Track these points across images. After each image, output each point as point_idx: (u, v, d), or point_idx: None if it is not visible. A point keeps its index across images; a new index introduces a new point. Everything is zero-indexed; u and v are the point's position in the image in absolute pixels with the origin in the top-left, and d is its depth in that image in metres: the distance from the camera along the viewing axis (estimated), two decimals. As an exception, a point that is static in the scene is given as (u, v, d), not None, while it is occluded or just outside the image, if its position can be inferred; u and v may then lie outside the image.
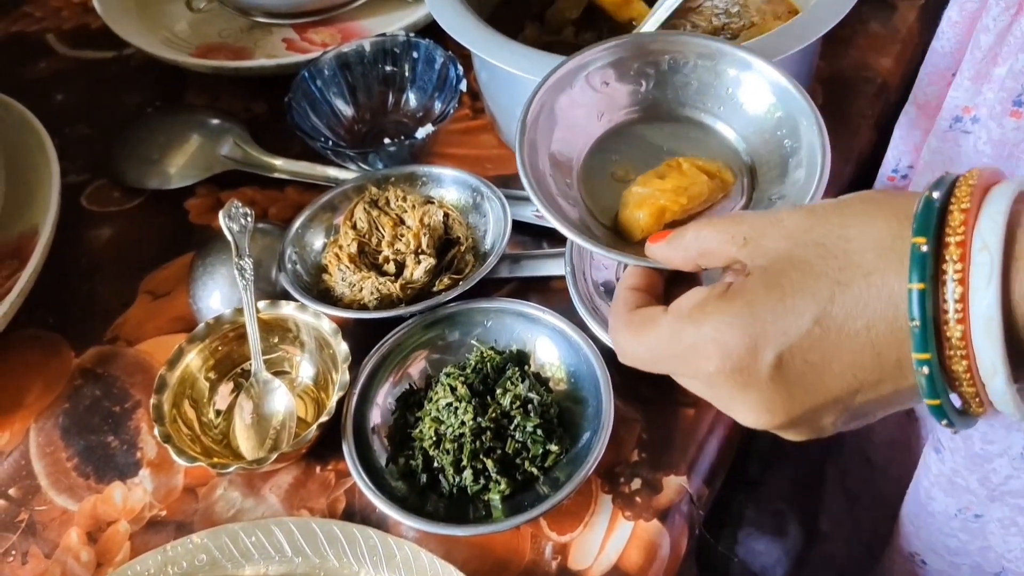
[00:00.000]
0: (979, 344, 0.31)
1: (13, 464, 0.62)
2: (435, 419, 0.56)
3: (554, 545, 0.54)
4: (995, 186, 0.33)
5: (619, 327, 0.42)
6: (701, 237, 0.40)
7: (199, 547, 0.54)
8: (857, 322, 0.34)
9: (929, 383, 0.33)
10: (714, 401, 0.40)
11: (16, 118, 0.77)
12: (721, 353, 0.36)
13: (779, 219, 0.37)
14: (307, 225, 0.67)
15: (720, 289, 0.38)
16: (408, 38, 0.76)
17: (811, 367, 0.35)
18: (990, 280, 0.31)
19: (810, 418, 0.37)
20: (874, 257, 0.34)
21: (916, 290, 0.32)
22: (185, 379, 0.60)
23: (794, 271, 0.35)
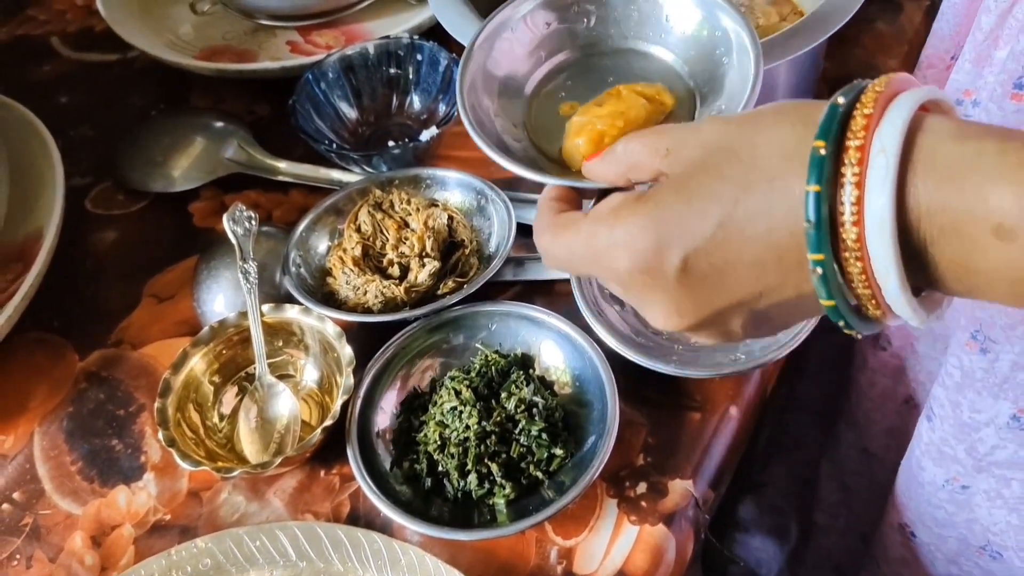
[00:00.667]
0: (873, 245, 0.32)
1: (17, 468, 0.62)
2: (439, 423, 0.56)
3: (559, 550, 0.54)
4: (901, 94, 0.33)
5: (542, 230, 0.43)
6: (629, 151, 0.41)
7: (203, 551, 0.54)
8: (759, 226, 0.35)
9: (823, 283, 0.33)
10: (630, 302, 0.41)
11: (20, 121, 0.77)
12: (630, 254, 0.38)
13: (698, 129, 0.38)
14: (311, 228, 0.67)
15: (635, 195, 0.39)
16: (412, 40, 0.76)
17: (715, 269, 0.36)
18: (884, 182, 0.31)
19: (717, 320, 0.38)
20: (778, 162, 0.34)
21: (812, 192, 0.32)
22: (189, 383, 0.60)
23: (703, 175, 0.36)
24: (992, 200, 0.30)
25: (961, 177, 0.31)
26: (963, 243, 0.31)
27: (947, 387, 0.57)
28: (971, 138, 0.31)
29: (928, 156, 0.31)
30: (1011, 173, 0.30)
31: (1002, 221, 0.30)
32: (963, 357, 0.55)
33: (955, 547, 0.64)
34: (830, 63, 0.78)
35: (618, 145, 0.42)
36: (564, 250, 0.42)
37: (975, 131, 0.32)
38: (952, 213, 0.31)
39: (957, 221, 0.31)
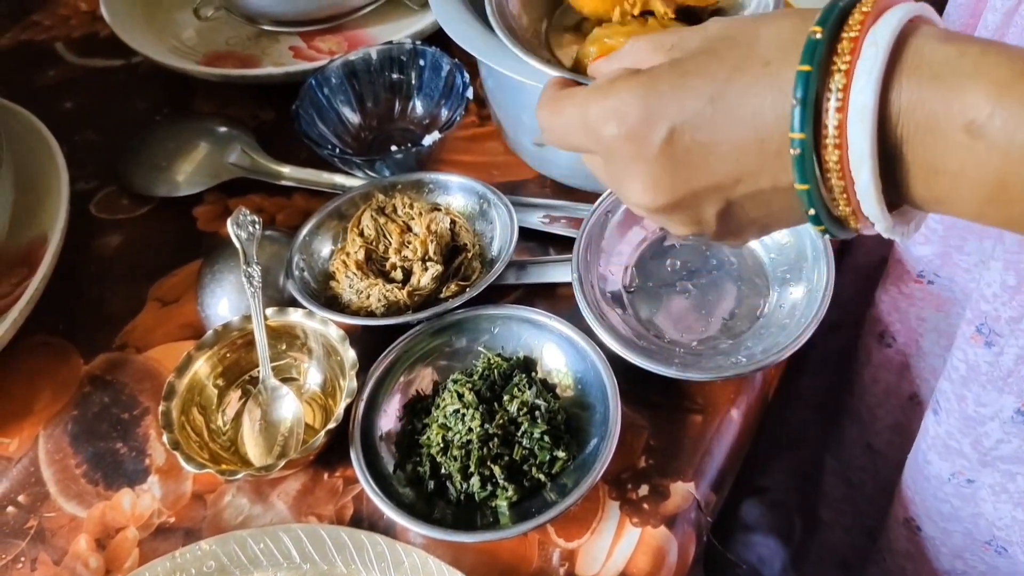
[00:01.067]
0: (852, 133, 0.32)
1: (22, 471, 0.62)
2: (442, 426, 0.56)
3: (561, 552, 0.54)
4: (898, 2, 0.34)
5: (542, 105, 0.44)
6: (636, 47, 0.42)
7: (208, 554, 0.54)
8: (746, 106, 0.35)
9: (800, 164, 0.34)
10: (610, 178, 0.42)
11: (25, 126, 0.77)
12: (618, 119, 0.38)
13: (704, 27, 0.39)
14: (314, 232, 0.68)
15: (633, 68, 0.40)
16: (415, 46, 0.77)
17: (699, 145, 0.37)
18: (872, 72, 0.32)
19: (692, 203, 0.39)
20: (776, 49, 0.35)
21: (802, 72, 0.33)
22: (194, 386, 0.60)
23: (702, 56, 0.37)
24: (967, 96, 0.31)
25: (942, 75, 0.31)
26: (935, 140, 0.32)
27: (952, 381, 0.58)
28: (956, 41, 0.32)
29: (915, 54, 0.32)
30: (989, 71, 0.31)
31: (974, 117, 0.31)
32: (968, 351, 0.56)
33: (960, 542, 0.64)
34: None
35: (627, 44, 0.43)
36: (559, 120, 0.42)
37: (961, 37, 0.33)
38: (929, 107, 0.32)
39: (932, 116, 0.32)
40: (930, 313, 0.67)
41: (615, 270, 0.64)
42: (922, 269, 0.65)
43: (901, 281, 0.67)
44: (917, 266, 0.65)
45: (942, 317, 0.66)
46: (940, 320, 0.67)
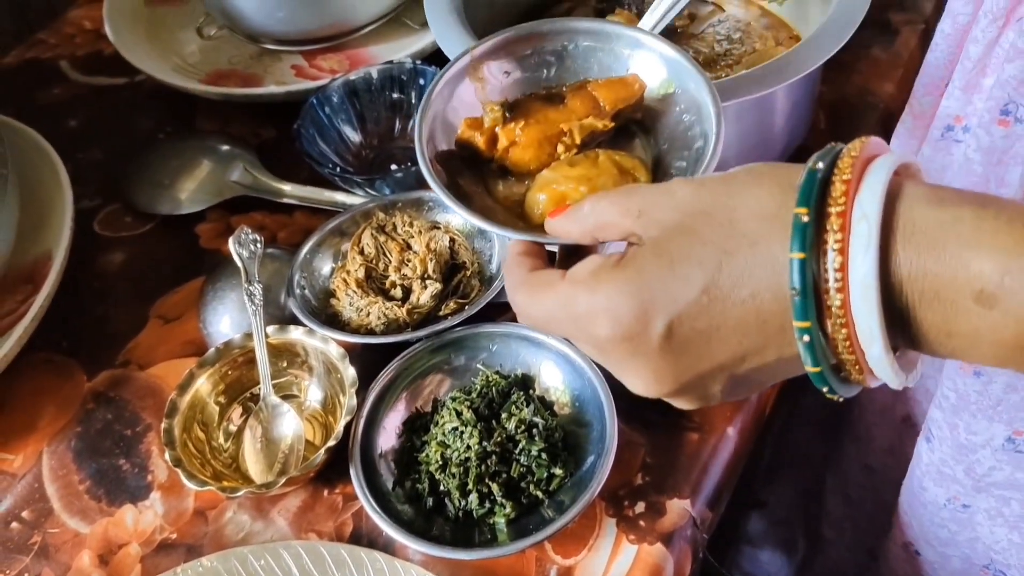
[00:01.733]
0: (858, 311, 0.32)
1: (26, 487, 0.63)
2: (441, 443, 0.57)
3: (559, 568, 0.54)
4: (877, 158, 0.34)
5: (517, 286, 0.43)
6: (597, 210, 0.41)
7: (209, 570, 0.54)
8: (743, 290, 0.35)
9: (809, 351, 0.34)
10: (607, 366, 0.41)
11: (30, 144, 0.78)
12: (612, 321, 0.37)
13: (671, 191, 0.38)
14: (315, 250, 0.68)
15: (615, 258, 0.39)
16: (414, 65, 0.78)
17: (699, 334, 0.36)
18: (867, 249, 0.32)
19: (698, 384, 0.38)
20: (758, 226, 0.35)
21: (797, 259, 0.33)
22: (195, 403, 0.61)
23: (682, 238, 0.36)
24: (972, 267, 0.31)
25: (941, 244, 0.31)
26: (945, 308, 0.32)
27: (944, 409, 0.58)
28: (948, 204, 0.32)
29: (907, 222, 0.32)
30: (989, 239, 0.31)
31: (983, 287, 0.31)
32: (958, 380, 0.56)
33: (959, 566, 0.64)
34: (827, 88, 0.79)
35: (585, 204, 0.42)
36: (541, 311, 0.41)
37: (951, 197, 0.32)
38: (933, 279, 0.31)
39: (939, 287, 0.31)
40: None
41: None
42: None
43: None
44: None
45: None
46: None
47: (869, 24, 0.75)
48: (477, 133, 0.52)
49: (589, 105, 0.52)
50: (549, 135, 0.51)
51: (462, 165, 0.53)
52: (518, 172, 0.52)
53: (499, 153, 0.52)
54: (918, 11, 0.85)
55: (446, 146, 0.53)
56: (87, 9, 1.02)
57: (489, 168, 0.53)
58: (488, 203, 0.51)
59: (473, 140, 0.52)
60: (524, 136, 0.51)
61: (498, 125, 0.51)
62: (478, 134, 0.52)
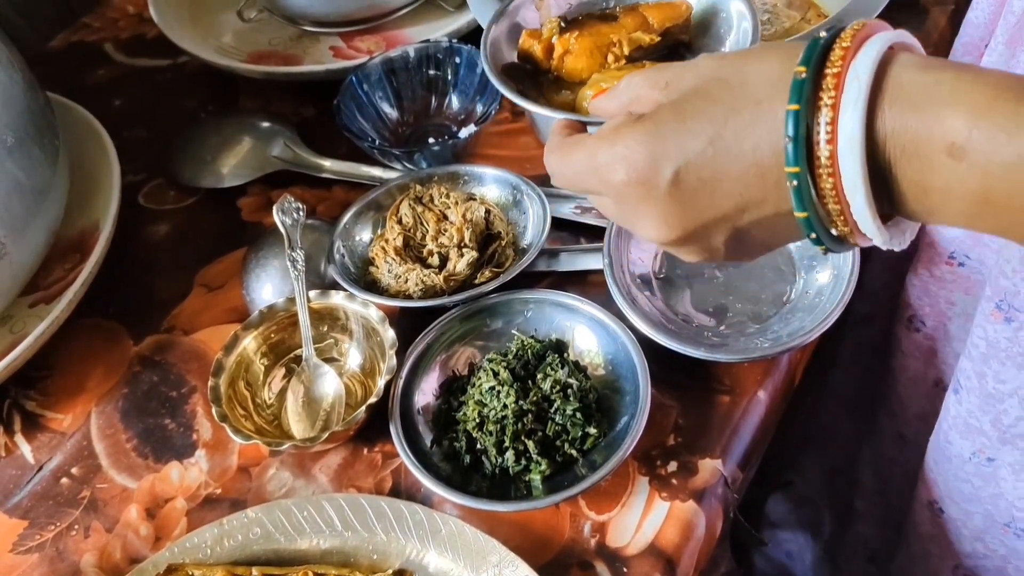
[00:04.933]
0: (844, 162, 0.35)
1: (76, 445, 0.65)
2: (478, 402, 0.58)
3: (592, 524, 0.56)
4: (875, 33, 0.37)
5: (551, 150, 0.47)
6: (632, 84, 0.45)
7: (254, 521, 0.56)
8: (745, 143, 0.38)
9: (797, 196, 0.37)
10: (622, 218, 0.45)
11: (80, 121, 0.81)
12: (627, 166, 0.41)
13: (695, 64, 0.42)
14: (354, 220, 0.70)
15: (636, 116, 0.42)
16: (451, 44, 0.79)
17: (704, 183, 0.40)
18: (856, 105, 0.34)
19: (702, 234, 0.42)
20: (766, 88, 0.38)
21: (791, 111, 0.36)
22: (241, 362, 0.63)
23: (698, 99, 0.40)
24: (946, 122, 0.33)
25: (921, 102, 0.34)
26: (921, 162, 0.34)
27: (973, 358, 0.59)
28: (933, 69, 0.35)
29: (895, 84, 0.35)
30: (964, 98, 0.33)
31: (954, 140, 0.33)
32: (988, 328, 0.57)
33: (981, 524, 0.65)
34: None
35: (622, 82, 0.46)
36: (569, 166, 0.46)
37: (937, 64, 0.35)
38: (912, 134, 0.34)
39: (916, 141, 0.34)
40: (959, 296, 0.68)
41: (644, 257, 0.66)
42: (953, 250, 0.66)
43: (932, 264, 0.68)
44: (949, 247, 0.66)
45: (971, 300, 0.68)
46: (969, 304, 0.68)
47: (898, 4, 0.76)
48: (536, 42, 0.58)
49: (639, 22, 0.57)
50: (600, 45, 0.56)
51: (524, 76, 0.59)
52: (572, 82, 0.56)
53: (556, 62, 0.57)
54: (948, -9, 0.85)
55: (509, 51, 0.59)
56: (130, -6, 1.05)
57: (547, 78, 0.57)
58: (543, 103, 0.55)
59: (532, 49, 0.58)
60: (578, 45, 0.56)
61: (555, 35, 0.56)
62: (537, 43, 0.58)
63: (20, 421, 0.67)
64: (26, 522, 0.61)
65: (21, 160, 0.65)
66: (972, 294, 0.67)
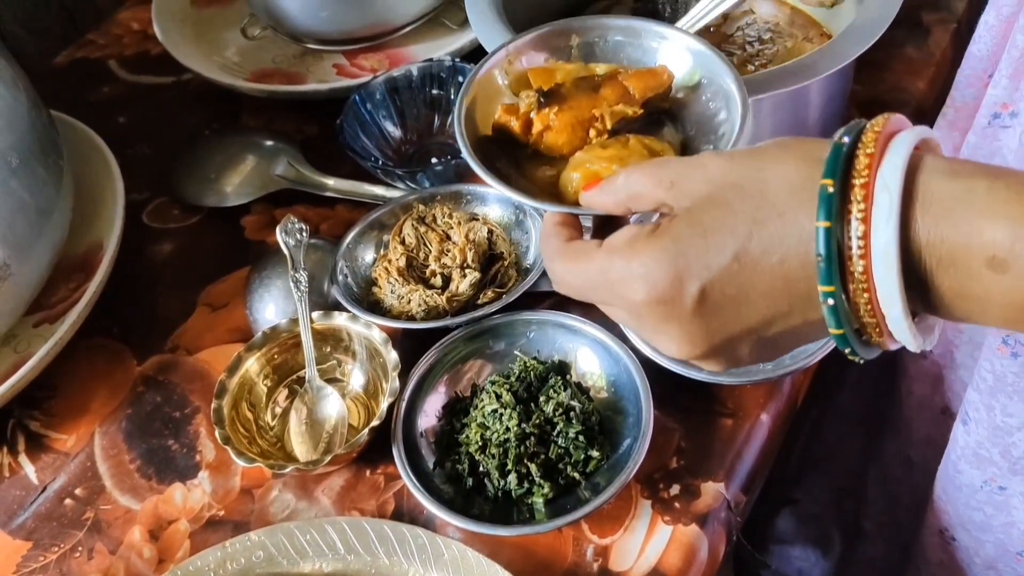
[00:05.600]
0: (879, 277, 0.34)
1: (79, 466, 0.65)
2: (481, 425, 0.58)
3: (595, 547, 0.56)
4: (898, 133, 0.36)
5: (554, 256, 0.45)
6: (631, 181, 0.43)
7: (256, 544, 0.56)
8: (772, 257, 0.37)
9: (833, 314, 0.36)
10: (640, 332, 0.43)
11: (83, 139, 0.81)
12: (648, 286, 0.39)
13: (702, 163, 0.40)
14: (357, 240, 0.71)
15: (650, 228, 0.41)
16: (454, 63, 0.80)
17: (730, 299, 0.38)
18: (889, 218, 0.34)
19: (727, 347, 0.41)
20: (787, 197, 0.37)
21: (823, 228, 0.35)
22: (244, 384, 0.63)
23: (715, 209, 0.38)
24: (985, 234, 0.33)
25: (957, 212, 0.34)
26: (959, 273, 0.34)
27: (980, 391, 0.59)
28: (963, 176, 0.34)
29: (926, 193, 0.34)
30: (1001, 208, 0.33)
31: (995, 253, 0.33)
32: (995, 361, 0.57)
33: (993, 552, 0.65)
34: (860, 86, 0.80)
35: (619, 176, 0.44)
36: (578, 279, 0.44)
37: (967, 169, 0.35)
38: (949, 246, 0.34)
39: (954, 253, 0.34)
40: (966, 324, 0.68)
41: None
42: None
43: None
44: None
45: (977, 329, 0.68)
46: (975, 332, 0.68)
47: (902, 23, 0.76)
48: (513, 118, 0.54)
49: (620, 93, 0.54)
50: (582, 120, 0.53)
51: (499, 150, 0.56)
52: (552, 156, 0.54)
53: (534, 137, 0.54)
54: (950, 10, 0.85)
55: (483, 133, 0.56)
56: (134, 11, 1.06)
57: (524, 153, 0.55)
58: (524, 184, 0.53)
59: (509, 125, 0.55)
60: (558, 121, 0.53)
61: (533, 110, 0.54)
62: (514, 119, 0.54)
63: (24, 441, 0.67)
64: (30, 543, 0.62)
65: (25, 180, 0.65)
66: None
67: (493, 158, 0.54)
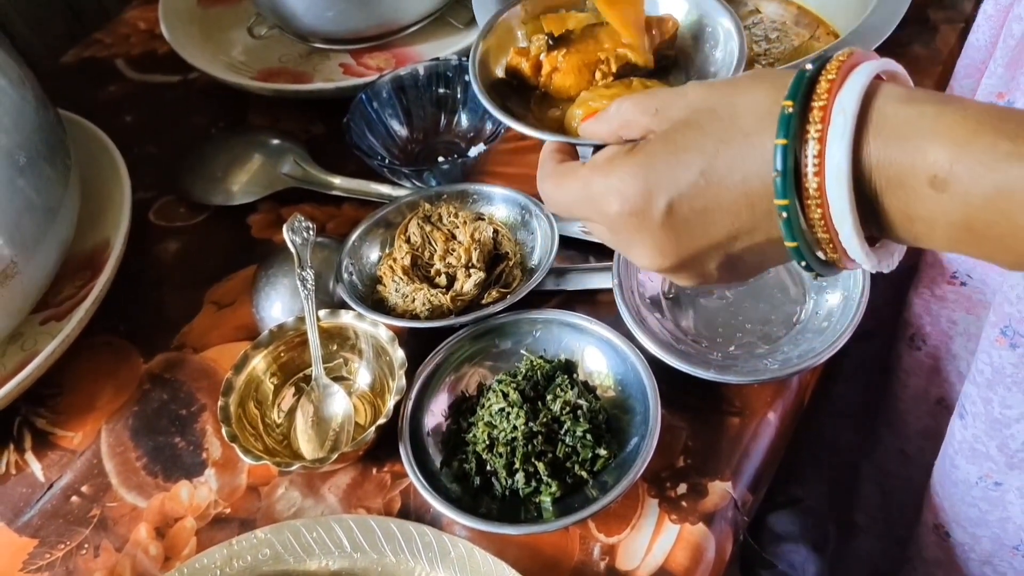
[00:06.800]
0: (831, 192, 0.36)
1: (86, 463, 0.65)
2: (488, 423, 0.58)
3: (602, 546, 0.56)
4: (861, 63, 0.37)
5: (545, 177, 0.49)
6: (621, 110, 0.46)
7: (263, 542, 0.56)
8: (735, 175, 0.39)
9: (787, 227, 0.38)
10: (616, 245, 0.46)
11: (91, 138, 0.81)
12: (621, 198, 0.42)
13: (684, 92, 0.43)
14: (363, 239, 0.71)
15: (629, 147, 0.44)
16: (460, 62, 0.79)
17: (696, 214, 0.41)
18: (842, 138, 0.35)
19: (695, 261, 0.43)
20: (754, 120, 0.39)
21: (780, 145, 0.37)
22: (251, 382, 0.63)
23: (688, 130, 0.41)
24: (929, 154, 0.34)
25: (904, 135, 0.35)
26: (906, 192, 0.35)
27: (978, 384, 0.59)
28: (916, 102, 0.36)
29: (879, 116, 0.36)
30: (945, 131, 0.34)
31: (936, 173, 0.34)
32: (993, 353, 0.57)
33: (989, 547, 0.65)
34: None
35: (612, 106, 0.47)
36: (563, 195, 0.46)
37: (920, 96, 0.36)
38: (896, 166, 0.35)
39: (900, 173, 0.35)
40: (961, 316, 0.68)
41: (654, 276, 0.66)
42: (956, 270, 0.66)
43: (934, 283, 0.68)
44: (951, 266, 0.66)
45: (972, 320, 0.68)
46: (970, 323, 0.68)
47: (909, 21, 0.76)
48: (524, 60, 0.58)
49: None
50: (588, 63, 0.57)
51: (511, 92, 0.58)
52: (559, 98, 0.57)
53: (543, 79, 0.57)
54: (958, 9, 0.85)
55: (497, 77, 0.59)
56: (141, 11, 1.06)
57: (534, 95, 0.58)
58: (533, 123, 0.55)
59: (520, 66, 0.58)
60: (566, 63, 0.56)
61: (543, 53, 0.56)
62: (525, 60, 0.58)
63: (30, 439, 0.68)
64: (36, 540, 0.62)
65: (33, 179, 0.65)
66: (974, 314, 0.67)
67: (505, 99, 0.57)
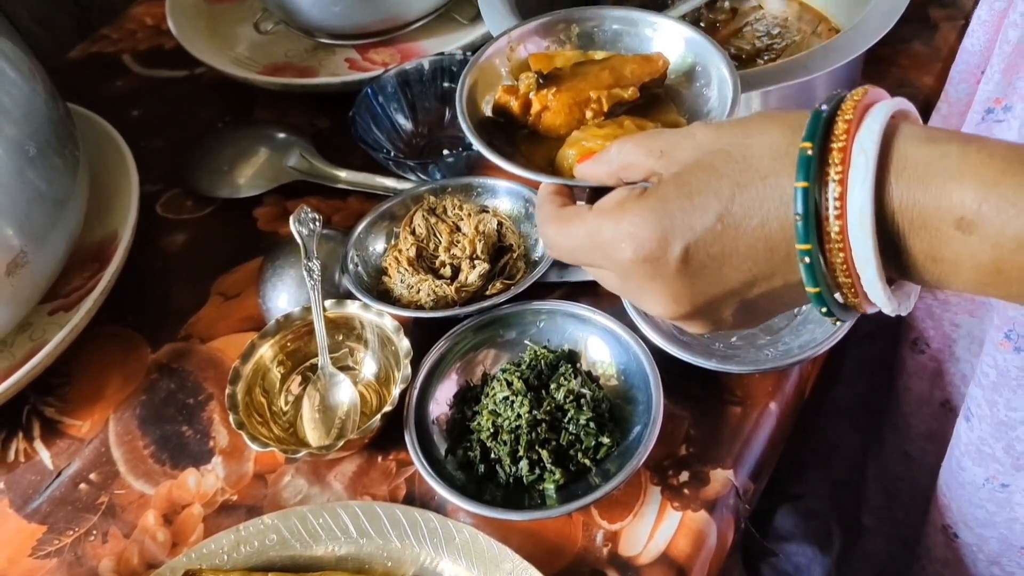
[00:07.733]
0: (854, 236, 0.35)
1: (94, 451, 0.66)
2: (492, 412, 0.59)
3: (605, 533, 0.56)
4: (877, 103, 0.37)
5: (548, 220, 0.47)
6: (623, 151, 0.44)
7: (270, 527, 0.57)
8: (753, 219, 0.38)
9: (809, 272, 0.37)
10: (627, 292, 0.45)
11: (99, 131, 0.82)
12: (635, 244, 0.41)
13: (691, 133, 0.42)
14: (368, 230, 0.71)
15: (638, 191, 0.42)
16: (465, 57, 0.80)
17: (713, 259, 0.40)
18: (864, 180, 0.35)
19: (710, 308, 0.42)
20: (770, 161, 0.38)
21: (800, 188, 0.36)
22: (258, 370, 0.63)
23: (702, 172, 0.39)
24: (954, 196, 0.34)
25: (928, 176, 0.34)
26: (930, 235, 0.35)
27: (983, 387, 0.59)
28: (937, 142, 0.35)
29: (900, 157, 0.35)
30: (971, 171, 0.34)
31: (963, 215, 0.34)
32: (998, 356, 0.57)
33: (997, 548, 0.65)
34: (867, 80, 0.81)
35: (612, 147, 0.45)
36: (569, 240, 0.45)
37: (941, 136, 0.35)
38: (920, 208, 0.35)
39: (925, 215, 0.35)
40: (963, 319, 0.69)
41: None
42: None
43: None
44: None
45: (975, 323, 0.68)
46: (973, 326, 0.68)
47: (909, 19, 0.76)
48: (512, 98, 0.56)
49: (616, 78, 0.56)
50: (579, 101, 0.55)
51: (498, 130, 0.57)
52: (549, 136, 0.56)
53: (532, 117, 0.56)
54: (958, 7, 0.86)
55: (484, 115, 0.58)
56: (147, 6, 1.07)
57: (522, 133, 0.57)
58: (521, 162, 0.55)
59: (509, 105, 0.56)
60: (556, 102, 0.55)
61: (532, 91, 0.55)
62: (513, 99, 0.56)
63: (39, 427, 0.68)
64: (45, 527, 0.62)
65: (42, 170, 0.66)
66: (977, 316, 0.67)
67: (492, 138, 0.56)
